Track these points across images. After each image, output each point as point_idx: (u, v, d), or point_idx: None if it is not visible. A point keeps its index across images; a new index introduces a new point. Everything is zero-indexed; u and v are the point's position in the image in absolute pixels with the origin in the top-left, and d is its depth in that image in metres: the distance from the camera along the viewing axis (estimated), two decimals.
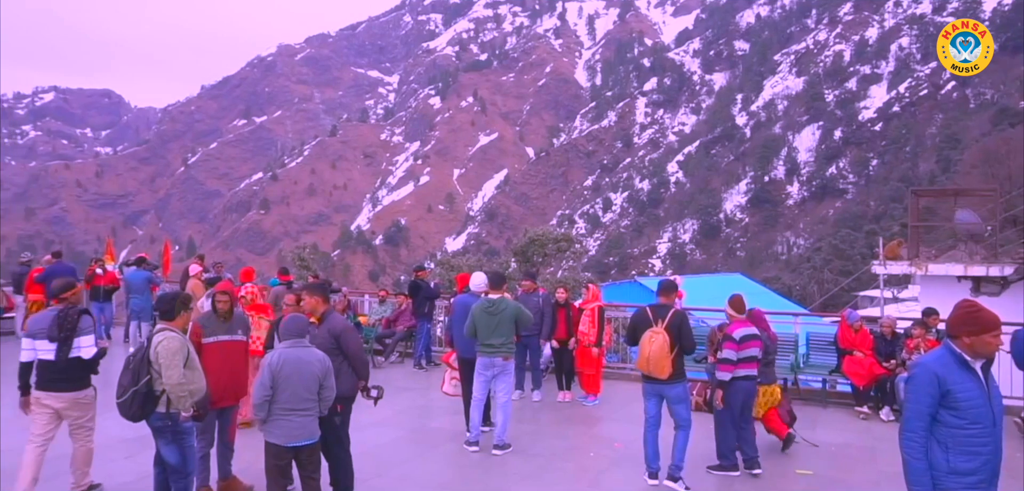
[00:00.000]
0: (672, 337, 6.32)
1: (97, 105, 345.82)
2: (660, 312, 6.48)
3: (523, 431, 8.41)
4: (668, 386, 6.43)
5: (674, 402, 6.54)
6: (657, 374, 6.30)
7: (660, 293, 6.74)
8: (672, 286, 6.82)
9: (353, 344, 5.75)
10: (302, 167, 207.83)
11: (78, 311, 5.84)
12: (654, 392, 6.57)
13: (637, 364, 6.58)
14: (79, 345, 5.65)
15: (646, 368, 6.38)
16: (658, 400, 6.60)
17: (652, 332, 6.34)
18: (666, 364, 6.26)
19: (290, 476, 5.17)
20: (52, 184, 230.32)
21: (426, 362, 12.31)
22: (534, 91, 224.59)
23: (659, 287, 6.83)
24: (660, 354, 6.25)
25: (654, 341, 6.28)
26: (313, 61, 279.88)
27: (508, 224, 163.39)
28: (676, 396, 6.53)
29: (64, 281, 6.18)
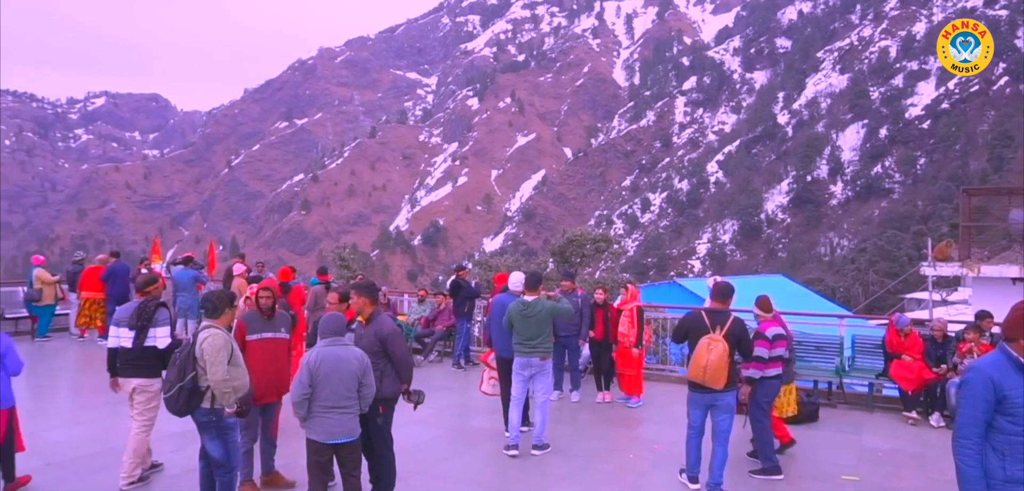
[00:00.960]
0: (731, 346, 5.97)
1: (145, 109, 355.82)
2: (718, 318, 6.10)
3: (562, 432, 8.38)
4: (720, 395, 6.06)
5: (723, 412, 6.17)
6: (713, 385, 5.94)
7: (716, 298, 6.35)
8: (730, 290, 6.39)
9: (399, 348, 5.75)
10: (342, 168, 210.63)
11: (156, 304, 6.28)
12: (703, 402, 6.17)
13: (690, 373, 6.11)
14: (154, 335, 6.08)
15: (702, 377, 5.96)
16: (705, 410, 6.23)
17: (710, 340, 5.97)
18: (724, 374, 5.91)
19: (331, 472, 5.23)
20: (103, 186, 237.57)
21: (465, 362, 12.35)
22: (572, 91, 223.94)
23: (715, 291, 6.43)
24: (719, 364, 5.88)
25: (713, 350, 5.91)
26: (353, 64, 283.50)
27: (546, 225, 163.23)
28: (726, 405, 6.18)
29: (147, 276, 6.79)
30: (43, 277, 14.56)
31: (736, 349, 6.05)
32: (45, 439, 7.78)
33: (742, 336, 6.10)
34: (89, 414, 9.32)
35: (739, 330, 6.09)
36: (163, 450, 7.54)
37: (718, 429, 6.18)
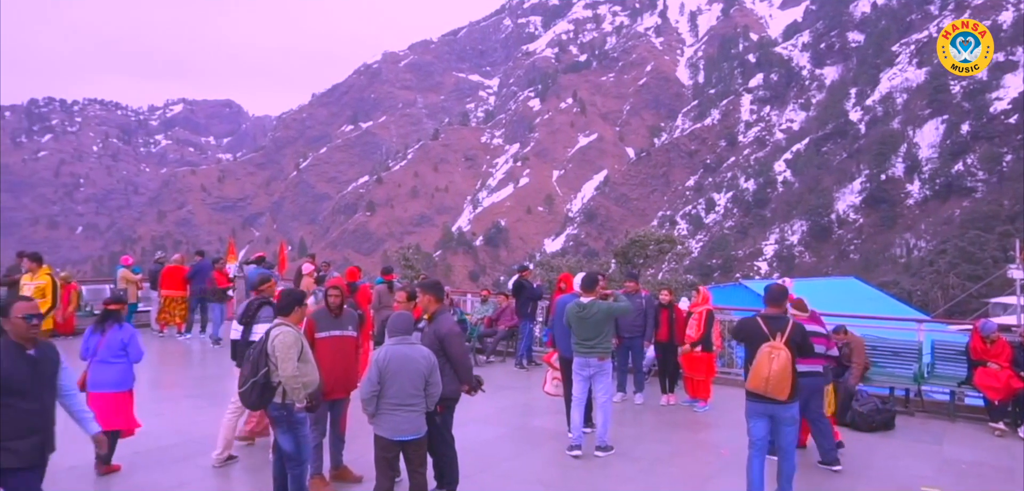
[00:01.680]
0: (792, 353, 5.61)
1: (219, 115, 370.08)
2: (776, 324, 5.75)
3: (625, 434, 8.30)
4: (783, 406, 5.65)
5: (786, 425, 5.77)
6: (777, 395, 5.55)
7: (770, 302, 5.97)
8: (783, 293, 6.09)
9: (456, 348, 5.78)
10: (406, 170, 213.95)
11: (260, 302, 6.83)
12: (765, 413, 5.75)
13: (751, 384, 5.69)
14: (255, 331, 6.52)
15: (763, 388, 5.57)
16: (768, 422, 5.79)
17: (771, 348, 5.59)
18: (788, 384, 5.54)
19: (397, 469, 5.32)
20: (180, 188, 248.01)
21: (527, 362, 12.37)
22: (634, 91, 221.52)
23: (769, 295, 6.05)
24: (783, 374, 5.51)
25: (775, 359, 5.53)
26: (416, 67, 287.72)
27: (607, 225, 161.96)
28: (790, 417, 5.76)
29: (261, 276, 7.47)
30: (126, 275, 15.33)
31: (798, 355, 5.72)
32: None
33: (803, 342, 5.79)
34: (168, 406, 9.75)
35: (799, 335, 5.77)
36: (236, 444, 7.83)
37: (783, 442, 5.80)
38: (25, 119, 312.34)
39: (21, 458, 3.91)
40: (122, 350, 6.57)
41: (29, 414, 3.95)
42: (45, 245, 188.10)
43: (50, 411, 4.17)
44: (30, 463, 3.98)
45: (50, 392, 4.17)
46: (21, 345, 4.01)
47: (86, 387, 6.36)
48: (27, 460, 3.95)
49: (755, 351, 5.70)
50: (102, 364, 6.51)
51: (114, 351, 6.54)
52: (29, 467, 3.98)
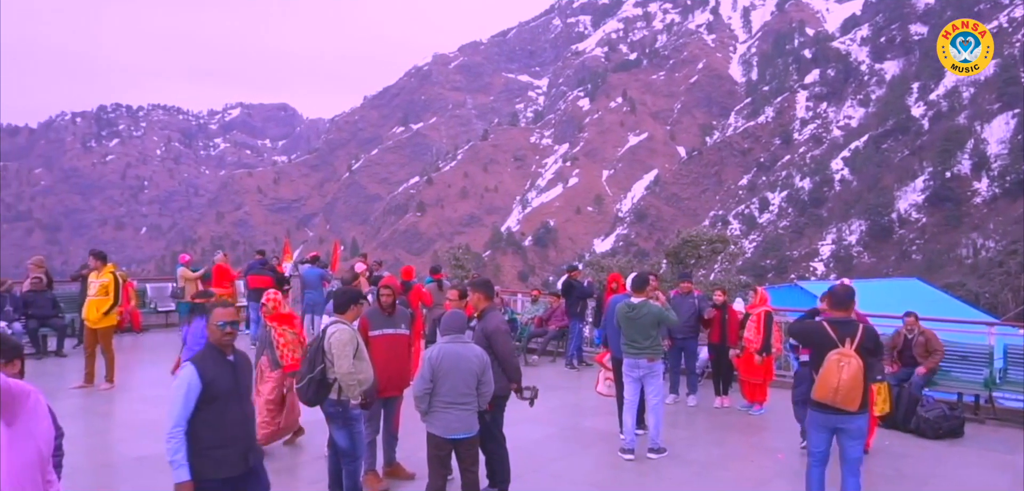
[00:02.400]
0: (864, 360, 5.16)
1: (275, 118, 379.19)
2: (847, 329, 5.26)
3: (678, 436, 8.19)
4: (851, 418, 5.22)
5: (854, 438, 5.32)
6: (846, 406, 5.14)
7: (835, 305, 5.50)
8: (851, 294, 5.56)
9: (503, 346, 5.79)
10: (455, 171, 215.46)
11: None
12: (829, 425, 5.33)
13: (817, 394, 5.24)
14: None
15: (833, 399, 5.14)
16: (831, 434, 5.39)
17: (841, 355, 5.13)
18: (858, 394, 5.12)
19: (450, 467, 5.35)
20: (238, 190, 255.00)
21: (578, 362, 12.31)
22: (686, 89, 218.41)
23: (835, 297, 5.57)
24: (854, 383, 5.07)
25: (845, 367, 5.08)
26: (466, 68, 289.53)
27: (658, 225, 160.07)
28: (857, 429, 5.31)
29: (352, 273, 8.58)
30: (185, 274, 15.82)
31: (869, 364, 5.26)
32: None
33: (875, 348, 5.37)
34: None
35: (871, 341, 5.30)
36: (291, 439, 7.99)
37: (848, 456, 5.37)
38: (94, 124, 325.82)
39: (224, 467, 3.87)
40: (205, 338, 6.90)
41: (232, 421, 3.92)
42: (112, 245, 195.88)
43: (252, 418, 4.15)
44: (232, 471, 3.92)
45: (249, 398, 4.14)
46: (222, 351, 3.99)
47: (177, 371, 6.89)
48: (230, 468, 3.91)
49: (821, 358, 5.26)
50: (190, 350, 7.14)
51: (198, 339, 7.10)
52: (234, 476, 3.93)
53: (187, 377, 3.82)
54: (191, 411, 3.80)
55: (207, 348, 4.01)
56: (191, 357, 4.79)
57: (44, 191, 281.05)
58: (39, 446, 2.85)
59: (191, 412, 3.80)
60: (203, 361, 3.90)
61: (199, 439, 3.81)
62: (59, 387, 9.83)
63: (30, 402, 2.79)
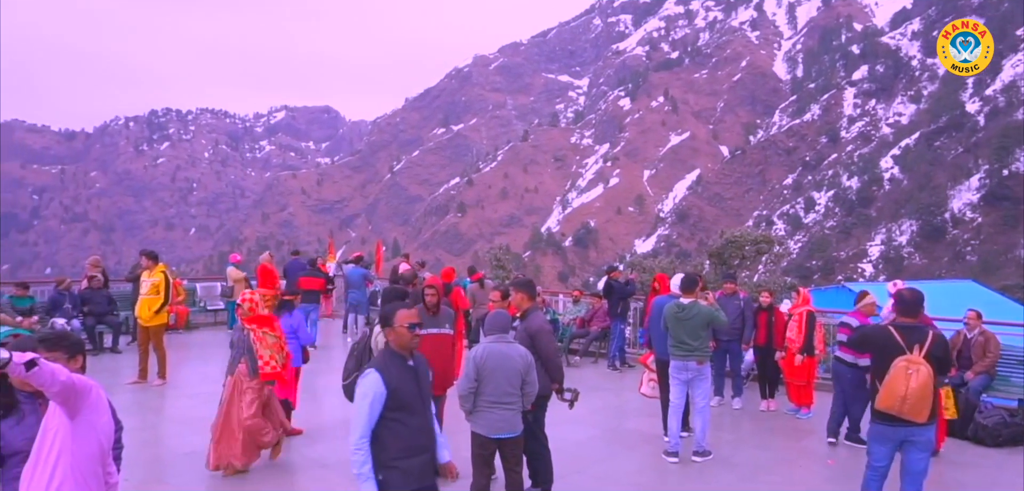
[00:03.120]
0: (934, 368, 4.87)
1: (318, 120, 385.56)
2: (915, 335, 4.96)
3: (723, 439, 8.07)
4: (919, 429, 4.93)
5: (922, 450, 5.02)
6: (914, 417, 4.85)
7: (903, 310, 5.15)
8: (920, 300, 5.21)
9: (547, 346, 5.78)
10: (496, 172, 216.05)
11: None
12: (894, 437, 5.02)
13: (881, 403, 4.94)
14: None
15: (899, 409, 4.85)
16: (895, 447, 5.07)
17: (908, 362, 4.85)
18: (927, 405, 4.85)
19: (493, 466, 5.34)
20: (282, 191, 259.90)
21: (620, 363, 12.22)
22: (729, 87, 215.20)
23: (902, 302, 5.21)
24: (923, 393, 4.80)
25: (914, 375, 4.80)
26: (506, 69, 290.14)
27: (700, 226, 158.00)
28: (925, 441, 5.02)
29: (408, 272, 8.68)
30: (233, 274, 16.18)
31: (938, 372, 4.97)
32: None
33: (945, 356, 5.05)
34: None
35: (941, 349, 4.99)
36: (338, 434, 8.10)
37: (912, 468, 5.05)
38: (146, 128, 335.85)
39: (411, 478, 3.64)
40: (292, 334, 7.57)
41: (417, 430, 3.70)
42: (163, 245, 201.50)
43: (433, 426, 3.88)
44: (420, 484, 3.70)
45: (429, 404, 3.90)
46: (402, 356, 3.75)
47: None
48: (417, 480, 3.68)
49: (885, 365, 4.95)
50: (294, 341, 7.62)
51: (288, 333, 7.44)
52: (419, 488, 3.70)
53: (372, 384, 3.58)
54: (376, 420, 3.57)
55: (388, 353, 3.76)
56: (302, 345, 4.92)
57: (99, 193, 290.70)
58: (100, 438, 2.98)
59: (376, 421, 3.58)
60: (386, 367, 3.65)
61: (385, 449, 3.58)
62: (114, 382, 10.14)
63: (92, 396, 2.94)
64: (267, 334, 6.52)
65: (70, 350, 3.16)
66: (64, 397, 2.80)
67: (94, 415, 2.95)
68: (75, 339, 3.27)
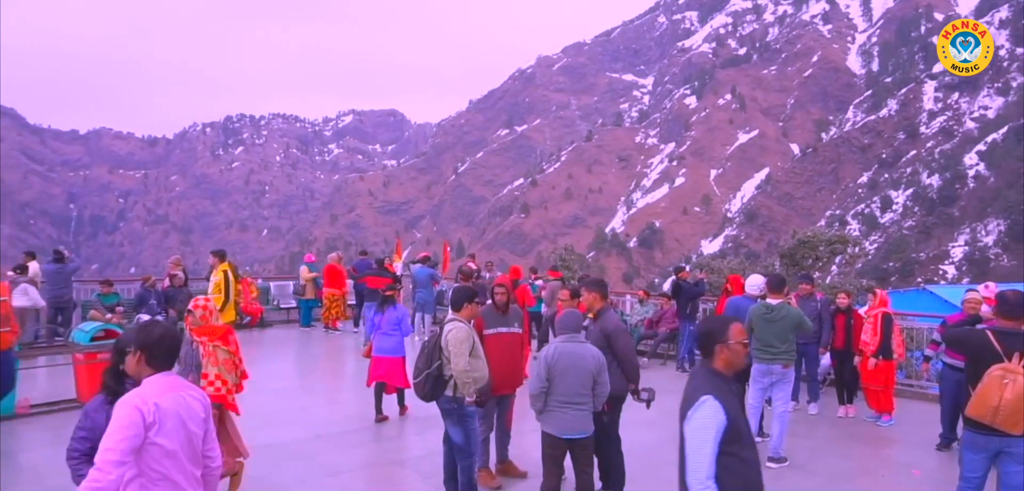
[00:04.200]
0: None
1: (385, 123, 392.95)
2: (1015, 342, 4.63)
3: (799, 446, 7.80)
4: (1015, 441, 4.60)
5: (1018, 462, 4.65)
6: (1008, 428, 4.53)
7: (1004, 313, 4.82)
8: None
9: (624, 346, 5.71)
10: (559, 172, 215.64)
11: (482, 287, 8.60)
12: (987, 447, 4.69)
13: (973, 411, 4.67)
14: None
15: (991, 418, 4.56)
16: (991, 459, 4.73)
17: (1005, 371, 4.54)
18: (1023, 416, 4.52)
19: (563, 467, 5.32)
20: (350, 194, 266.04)
21: (690, 365, 11.99)
22: (799, 83, 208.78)
23: (1005, 305, 4.86)
24: (1019, 404, 4.47)
25: (1009, 385, 4.50)
26: (569, 70, 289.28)
27: (769, 226, 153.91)
28: (1022, 454, 4.64)
29: (468, 271, 9.39)
30: (305, 273, 16.64)
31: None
32: (314, 414, 8.84)
33: None
34: (344, 396, 10.46)
35: None
36: (410, 432, 8.22)
37: (1009, 482, 4.73)
38: (222, 134, 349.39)
39: None
40: (397, 325, 8.45)
41: (754, 466, 3.18)
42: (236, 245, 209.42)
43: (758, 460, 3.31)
44: None
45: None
46: (729, 380, 3.24)
47: (372, 353, 8.49)
48: None
49: (979, 371, 4.67)
50: (384, 335, 8.42)
51: (392, 325, 8.42)
52: None
53: (712, 414, 3.02)
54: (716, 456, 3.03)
55: (718, 376, 3.20)
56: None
57: (178, 196, 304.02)
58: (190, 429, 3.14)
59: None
60: (722, 393, 3.10)
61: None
62: None
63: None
64: (218, 349, 5.46)
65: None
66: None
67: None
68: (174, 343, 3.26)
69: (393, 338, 8.42)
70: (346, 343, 14.64)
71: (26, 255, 14.16)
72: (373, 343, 8.58)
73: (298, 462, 6.87)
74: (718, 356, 3.23)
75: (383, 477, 6.79)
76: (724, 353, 3.22)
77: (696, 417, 3.06)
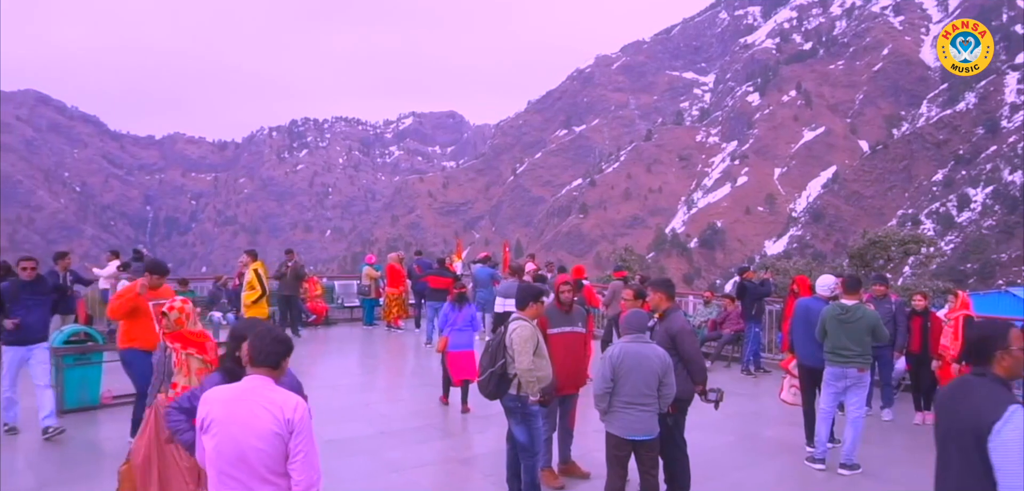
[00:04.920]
0: None
1: (444, 125, 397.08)
2: None
3: (872, 453, 7.51)
4: None
5: None
6: None
7: None
8: None
9: (690, 347, 5.62)
10: (618, 172, 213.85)
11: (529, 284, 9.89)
12: None
13: None
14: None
15: None
16: None
17: None
18: None
19: (627, 468, 5.25)
20: (410, 195, 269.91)
21: (755, 367, 11.71)
22: (868, 78, 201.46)
23: None
24: None
25: None
26: (628, 69, 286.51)
27: (837, 226, 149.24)
28: None
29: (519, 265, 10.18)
30: (369, 273, 16.97)
31: None
32: (377, 410, 9.00)
33: None
34: (405, 393, 10.62)
35: None
36: (472, 430, 8.29)
37: None
38: (287, 137, 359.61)
39: None
40: (470, 322, 8.99)
41: None
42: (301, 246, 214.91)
43: None
44: None
45: None
46: (1011, 386, 2.96)
47: (448, 348, 8.79)
48: None
49: None
50: (459, 331, 8.81)
51: (466, 322, 8.90)
52: None
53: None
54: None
55: (1000, 383, 2.94)
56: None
57: (246, 198, 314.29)
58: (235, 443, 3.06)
59: None
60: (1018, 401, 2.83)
61: None
62: None
63: None
64: (192, 357, 4.99)
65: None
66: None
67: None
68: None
69: (467, 334, 8.90)
70: (407, 341, 14.85)
71: (110, 254, 14.86)
72: (448, 339, 8.87)
73: (363, 457, 6.99)
74: (999, 362, 2.96)
75: (446, 474, 6.85)
76: (1006, 360, 2.96)
77: (1007, 431, 2.73)
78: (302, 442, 2.91)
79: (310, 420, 2.99)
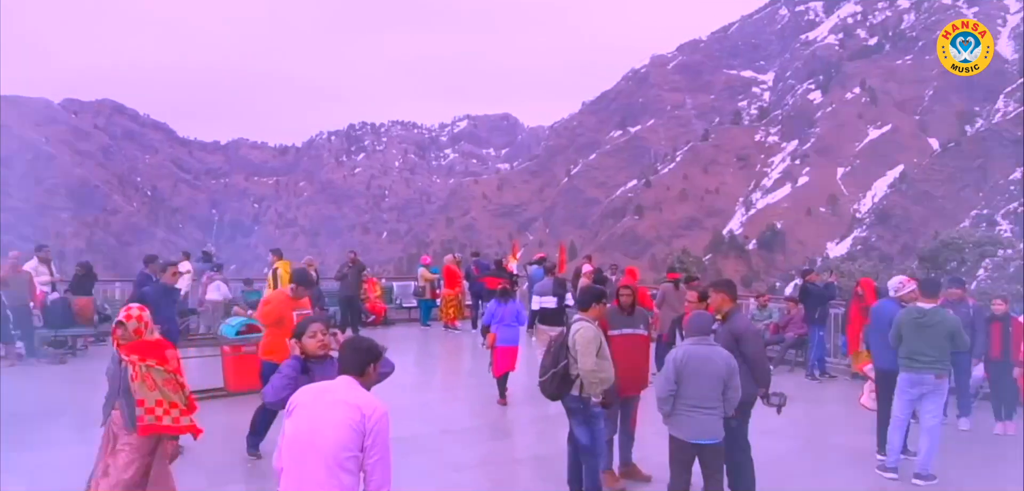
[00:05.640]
0: None
1: (498, 127, 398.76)
2: None
3: (949, 464, 7.18)
4: None
5: None
6: None
7: None
8: None
9: (753, 348, 5.50)
10: (674, 173, 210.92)
11: (562, 280, 10.70)
12: None
13: None
14: (567, 299, 10.24)
15: None
16: None
17: None
18: None
19: (691, 471, 5.16)
20: (465, 197, 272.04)
21: (820, 372, 11.38)
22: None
23: None
24: None
25: None
26: (685, 68, 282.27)
27: (904, 227, 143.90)
28: None
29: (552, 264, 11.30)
30: (425, 274, 17.19)
31: None
32: (435, 410, 9.09)
33: None
34: (462, 393, 10.70)
35: None
36: (531, 430, 8.30)
37: None
38: (345, 141, 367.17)
39: None
40: (516, 317, 9.36)
41: None
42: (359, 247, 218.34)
43: None
44: None
45: None
46: None
47: (496, 344, 9.09)
48: None
49: None
50: (506, 326, 9.17)
51: (511, 317, 9.28)
52: None
53: None
54: None
55: None
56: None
57: (306, 201, 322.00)
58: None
59: None
60: None
61: None
62: None
63: None
64: (152, 369, 4.39)
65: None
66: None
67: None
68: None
69: (513, 329, 9.22)
70: (464, 341, 14.96)
71: (183, 255, 15.45)
72: (495, 334, 9.15)
73: (423, 456, 7.06)
74: None
75: (505, 474, 6.86)
76: None
77: None
78: (378, 446, 3.05)
79: (388, 427, 3.11)
